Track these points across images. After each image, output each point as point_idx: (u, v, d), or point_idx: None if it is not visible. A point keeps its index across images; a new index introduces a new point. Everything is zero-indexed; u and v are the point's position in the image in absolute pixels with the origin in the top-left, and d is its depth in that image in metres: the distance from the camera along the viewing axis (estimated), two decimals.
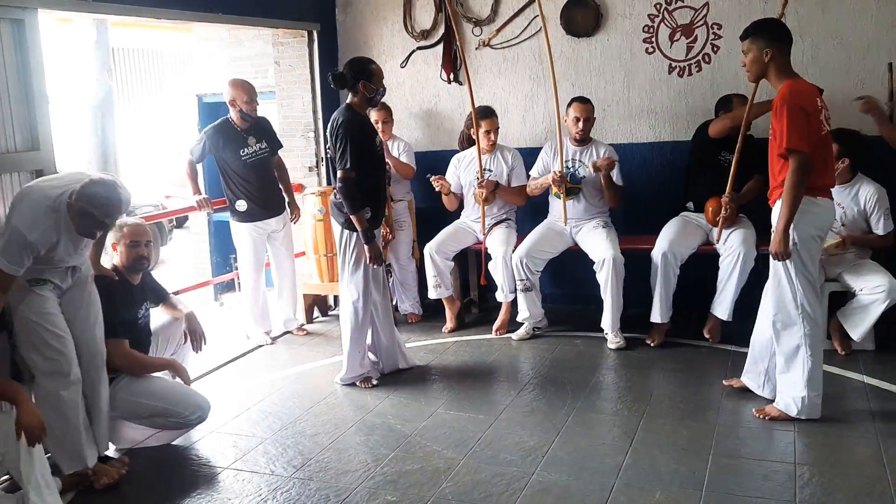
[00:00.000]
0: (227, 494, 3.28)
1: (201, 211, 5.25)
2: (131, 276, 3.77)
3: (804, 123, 3.41)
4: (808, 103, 3.46)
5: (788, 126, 3.40)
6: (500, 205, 5.35)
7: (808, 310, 3.58)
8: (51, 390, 3.25)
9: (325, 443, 3.72)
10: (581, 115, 4.96)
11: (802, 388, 3.64)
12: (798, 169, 3.40)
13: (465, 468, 3.38)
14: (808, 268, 3.56)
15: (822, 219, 3.59)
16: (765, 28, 3.58)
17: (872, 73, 4.89)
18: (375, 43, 6.03)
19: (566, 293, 5.75)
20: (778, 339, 3.71)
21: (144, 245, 3.74)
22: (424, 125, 6.04)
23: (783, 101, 3.44)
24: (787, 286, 3.60)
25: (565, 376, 4.44)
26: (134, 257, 3.71)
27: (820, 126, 3.50)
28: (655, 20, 5.30)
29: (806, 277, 3.56)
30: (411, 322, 5.67)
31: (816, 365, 3.64)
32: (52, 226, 3.13)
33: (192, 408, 3.70)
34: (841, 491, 3.06)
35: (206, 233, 6.87)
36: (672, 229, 4.86)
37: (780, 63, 3.54)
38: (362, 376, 4.46)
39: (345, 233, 4.33)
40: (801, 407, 3.65)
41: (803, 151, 3.39)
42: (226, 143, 5.02)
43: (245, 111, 5.00)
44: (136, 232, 3.72)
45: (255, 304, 5.30)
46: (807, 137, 3.41)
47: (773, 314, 3.68)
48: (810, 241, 3.54)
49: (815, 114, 3.48)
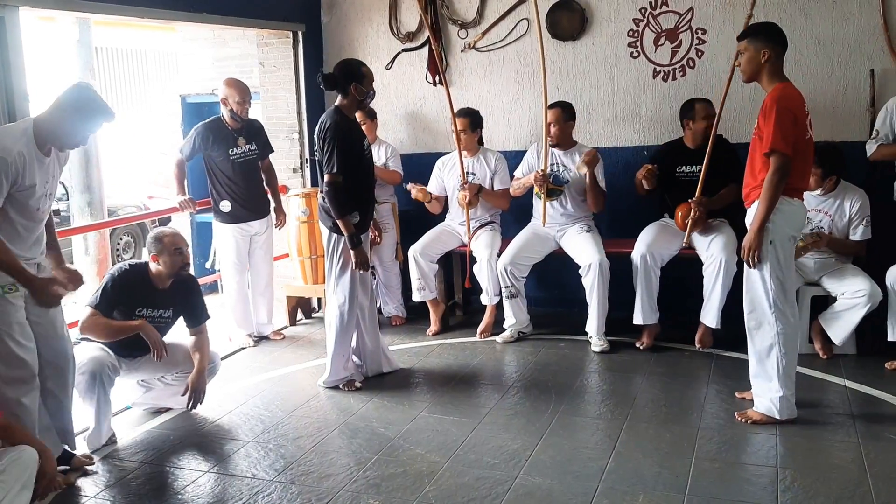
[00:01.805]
0: (208, 498, 3.25)
1: (184, 212, 5.21)
2: (161, 279, 3.89)
3: (791, 126, 3.45)
4: (797, 107, 3.52)
5: (775, 127, 3.44)
6: (484, 208, 5.34)
7: (781, 308, 3.61)
8: (11, 396, 3.21)
9: (308, 446, 3.69)
10: (550, 119, 4.98)
11: (778, 388, 3.66)
12: (777, 170, 3.46)
13: (448, 472, 3.37)
14: (783, 267, 3.59)
15: (797, 219, 3.66)
16: (764, 30, 3.63)
17: (855, 79, 4.93)
18: (361, 44, 6.02)
19: (550, 297, 5.76)
20: (751, 339, 3.73)
21: (186, 249, 3.95)
22: (409, 127, 6.03)
23: (773, 102, 3.48)
24: (760, 285, 3.62)
25: (549, 380, 4.44)
26: (180, 264, 3.90)
27: (805, 131, 3.55)
28: (640, 25, 5.32)
29: (779, 277, 3.59)
30: (395, 325, 5.65)
31: (790, 363, 3.66)
32: (23, 146, 3.09)
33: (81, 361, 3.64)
34: (822, 494, 3.07)
35: (189, 234, 6.82)
36: (651, 232, 4.89)
37: (774, 66, 3.57)
38: (346, 379, 4.43)
39: (332, 236, 4.30)
40: (779, 407, 3.67)
41: (786, 154, 3.44)
42: (215, 141, 4.99)
43: (236, 111, 4.97)
44: (178, 239, 3.91)
45: (237, 305, 5.27)
46: (792, 140, 3.45)
47: (746, 313, 3.72)
48: (786, 241, 3.59)
49: (803, 118, 3.53)
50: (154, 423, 4.03)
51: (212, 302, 6.45)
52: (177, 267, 3.90)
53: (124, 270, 3.89)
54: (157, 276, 3.90)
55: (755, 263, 3.58)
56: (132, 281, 3.85)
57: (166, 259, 3.86)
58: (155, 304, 3.91)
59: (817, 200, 4.57)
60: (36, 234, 3.28)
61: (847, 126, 4.95)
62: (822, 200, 4.57)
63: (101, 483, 3.41)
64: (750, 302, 3.70)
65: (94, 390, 3.67)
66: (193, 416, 4.11)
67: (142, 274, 3.90)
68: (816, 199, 4.57)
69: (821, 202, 4.57)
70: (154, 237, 3.89)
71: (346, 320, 4.35)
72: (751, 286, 3.68)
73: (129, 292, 3.83)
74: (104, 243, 7.27)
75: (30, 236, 3.24)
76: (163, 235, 3.88)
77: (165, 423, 4.05)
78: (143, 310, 3.87)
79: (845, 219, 4.55)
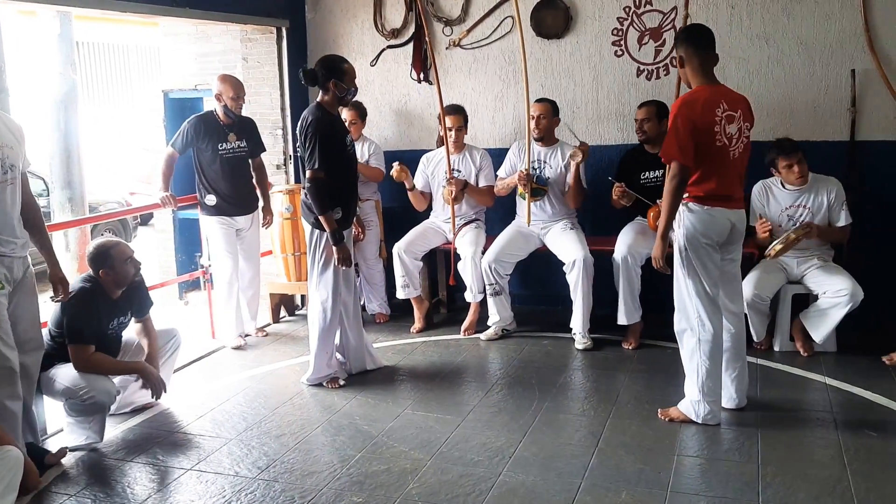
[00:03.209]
0: (190, 496, 3.23)
1: (165, 208, 5.17)
2: (113, 290, 3.79)
3: (686, 134, 3.39)
4: (699, 114, 3.42)
5: (669, 135, 3.45)
6: (469, 205, 5.34)
7: (702, 317, 3.58)
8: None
9: (291, 444, 3.68)
10: (535, 113, 4.98)
11: (697, 394, 3.67)
12: (673, 178, 3.45)
13: (432, 469, 3.37)
14: (700, 274, 3.55)
15: (712, 227, 3.54)
16: (684, 34, 3.61)
17: (836, 79, 4.97)
18: (345, 41, 6.00)
19: (534, 294, 5.77)
20: (679, 340, 3.74)
21: (135, 255, 3.86)
22: (394, 124, 6.02)
23: (675, 109, 3.45)
24: (684, 291, 3.62)
25: (533, 377, 4.45)
26: (132, 273, 3.81)
27: (714, 138, 3.44)
28: (624, 23, 5.34)
29: (697, 284, 3.56)
30: (379, 322, 5.64)
31: (712, 373, 3.64)
32: None
33: (87, 389, 3.59)
34: (803, 490, 3.10)
35: (172, 230, 6.77)
36: (629, 233, 4.90)
37: (693, 67, 3.52)
38: (329, 377, 4.42)
39: (315, 232, 4.28)
40: (697, 410, 3.68)
41: (680, 162, 3.41)
42: (206, 134, 4.95)
43: (229, 107, 4.94)
44: (125, 248, 3.82)
45: (229, 301, 5.16)
46: (689, 148, 3.40)
47: (675, 315, 3.72)
48: (699, 248, 3.53)
49: (708, 125, 3.43)
50: (135, 421, 4.00)
51: (195, 299, 6.46)
52: (130, 276, 3.80)
53: (83, 292, 3.69)
54: (109, 288, 3.77)
55: (661, 270, 3.61)
56: (92, 301, 3.70)
57: (119, 270, 3.74)
58: (116, 313, 3.85)
59: (793, 196, 4.60)
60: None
61: (828, 126, 4.99)
62: (797, 196, 4.59)
63: (81, 481, 3.38)
64: (676, 306, 3.70)
65: (94, 416, 3.68)
66: (175, 413, 4.08)
67: (98, 291, 3.74)
68: (793, 195, 4.60)
69: (797, 198, 4.60)
70: (97, 253, 3.72)
71: (329, 317, 4.34)
72: (678, 290, 3.68)
73: (92, 313, 3.70)
74: (85, 240, 7.20)
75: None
76: (107, 248, 3.74)
77: (146, 420, 4.02)
78: (112, 322, 3.83)
79: (824, 208, 4.58)
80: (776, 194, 4.65)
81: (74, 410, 3.67)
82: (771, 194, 4.66)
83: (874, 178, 4.91)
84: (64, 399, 3.66)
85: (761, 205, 4.68)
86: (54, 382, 3.65)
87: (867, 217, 4.79)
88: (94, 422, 3.69)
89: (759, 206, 4.68)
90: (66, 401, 3.66)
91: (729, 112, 3.48)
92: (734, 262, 3.76)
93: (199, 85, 6.43)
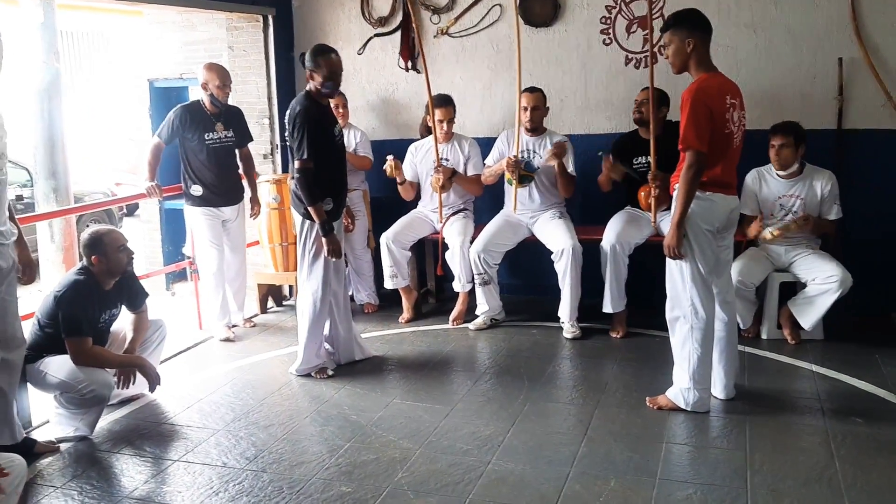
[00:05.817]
0: (178, 487, 3.21)
1: (151, 198, 5.12)
2: (106, 280, 3.74)
3: (705, 122, 3.39)
4: (715, 101, 3.43)
5: (688, 122, 3.40)
6: (458, 194, 5.32)
7: (696, 304, 3.59)
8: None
9: (280, 434, 3.66)
10: (529, 103, 4.95)
11: (687, 382, 3.68)
12: (691, 166, 3.41)
13: (421, 458, 3.36)
14: (698, 260, 3.56)
15: (713, 213, 3.55)
16: (686, 18, 3.54)
17: (823, 67, 4.98)
18: (332, 29, 5.95)
19: (522, 283, 5.77)
20: (671, 328, 3.74)
21: (128, 244, 3.79)
22: (382, 113, 5.98)
23: (689, 95, 3.41)
24: (679, 279, 3.62)
25: (521, 366, 4.45)
26: (125, 261, 3.75)
27: (724, 125, 3.45)
28: (613, 12, 5.33)
29: (694, 270, 3.57)
30: (367, 312, 5.63)
31: (704, 361, 3.65)
32: None
33: (87, 383, 3.55)
34: (791, 477, 3.11)
35: (158, 221, 6.72)
36: (618, 221, 4.90)
37: (700, 54, 3.50)
38: (318, 367, 4.40)
39: (305, 223, 4.25)
40: (686, 398, 3.70)
41: (699, 150, 3.39)
42: (192, 124, 4.90)
43: (216, 96, 4.89)
44: (118, 236, 3.75)
45: (216, 292, 5.12)
46: (707, 136, 3.40)
47: (667, 303, 3.72)
48: (699, 234, 3.54)
49: (721, 113, 3.44)
50: (122, 413, 3.97)
51: (182, 290, 6.42)
52: (123, 265, 3.74)
53: (75, 283, 3.64)
54: (102, 278, 3.72)
55: (676, 258, 3.57)
56: (85, 292, 3.64)
57: (112, 258, 3.69)
58: (108, 305, 3.80)
59: (787, 185, 4.61)
60: None
61: (816, 114, 4.99)
62: (791, 185, 4.60)
63: (69, 473, 3.35)
64: (669, 294, 3.70)
65: (90, 409, 3.64)
66: (162, 405, 4.06)
67: (91, 281, 3.69)
68: (786, 185, 4.61)
69: (790, 186, 4.61)
70: (92, 239, 3.65)
71: (319, 308, 4.32)
72: (671, 277, 3.67)
73: (88, 305, 3.65)
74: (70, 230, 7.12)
75: None
76: (101, 235, 3.68)
77: (133, 412, 3.99)
78: (104, 315, 3.78)
79: (817, 199, 4.59)
80: (769, 182, 4.65)
81: (71, 403, 3.62)
82: (764, 182, 4.67)
83: (860, 166, 4.93)
84: (59, 392, 3.62)
85: (754, 192, 4.68)
86: (46, 375, 3.59)
87: (853, 205, 4.80)
88: (87, 414, 3.65)
89: (751, 192, 4.68)
90: (60, 394, 3.62)
91: (733, 100, 3.50)
92: (728, 249, 3.77)
93: (185, 74, 6.37)
